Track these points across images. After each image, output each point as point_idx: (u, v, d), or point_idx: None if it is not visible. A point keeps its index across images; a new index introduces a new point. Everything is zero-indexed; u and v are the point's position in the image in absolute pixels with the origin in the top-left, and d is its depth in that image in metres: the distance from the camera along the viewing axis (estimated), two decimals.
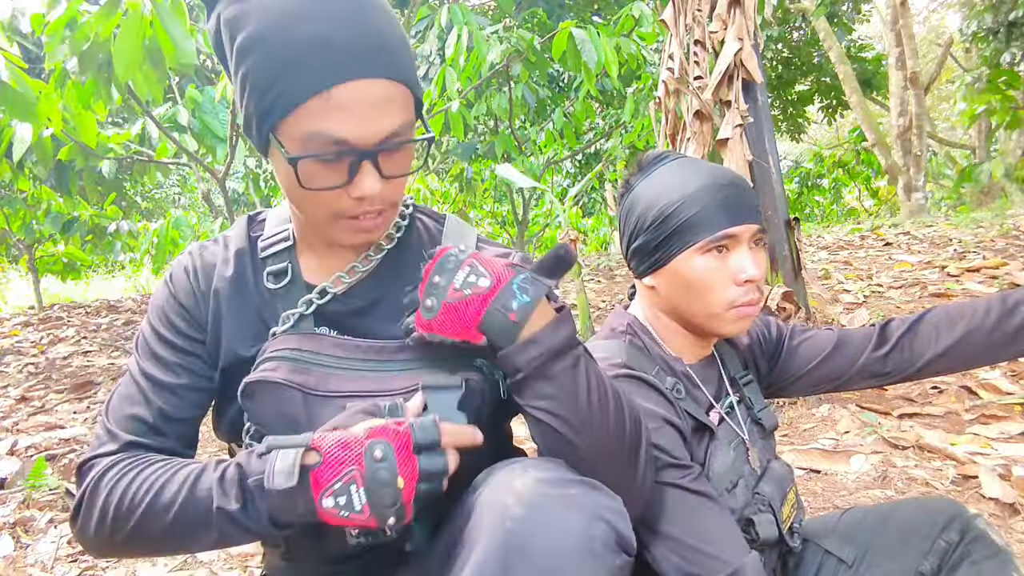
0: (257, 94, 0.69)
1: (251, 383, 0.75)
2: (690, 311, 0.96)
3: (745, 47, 2.46)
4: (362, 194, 0.71)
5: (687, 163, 0.98)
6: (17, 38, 3.13)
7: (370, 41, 0.68)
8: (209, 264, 0.84)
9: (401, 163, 0.74)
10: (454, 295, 0.70)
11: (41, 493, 2.01)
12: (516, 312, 0.69)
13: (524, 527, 0.60)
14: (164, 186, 13.04)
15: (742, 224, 0.92)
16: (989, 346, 0.98)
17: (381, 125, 0.69)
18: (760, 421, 1.03)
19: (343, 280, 0.82)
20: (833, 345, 1.06)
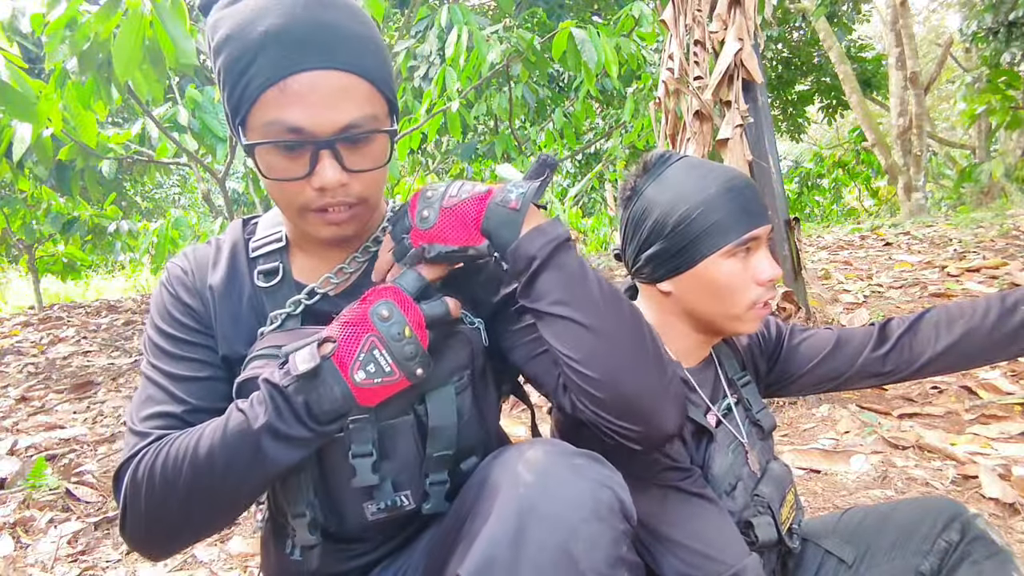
0: (227, 91, 0.73)
1: (243, 382, 0.76)
2: (711, 313, 0.96)
3: (745, 47, 2.46)
4: (322, 184, 0.73)
5: (696, 165, 0.97)
6: (17, 38, 3.13)
7: (326, 34, 0.71)
8: (203, 264, 0.86)
9: (367, 157, 0.75)
10: (450, 201, 0.75)
11: (41, 493, 2.01)
12: (516, 200, 0.73)
13: (537, 492, 0.64)
14: (164, 186, 13.05)
15: (763, 225, 0.93)
16: (989, 345, 0.98)
17: (337, 115, 0.71)
18: (758, 422, 1.03)
19: (331, 281, 0.84)
20: (833, 344, 1.06)
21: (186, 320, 0.83)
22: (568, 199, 3.92)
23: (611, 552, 0.62)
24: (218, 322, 0.83)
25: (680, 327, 1.00)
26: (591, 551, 0.61)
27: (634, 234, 0.99)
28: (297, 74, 0.70)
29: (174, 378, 0.79)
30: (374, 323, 0.70)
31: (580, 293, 0.72)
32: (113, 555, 1.72)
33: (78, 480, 2.11)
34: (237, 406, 0.71)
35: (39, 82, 2.58)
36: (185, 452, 0.71)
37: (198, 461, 0.70)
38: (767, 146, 2.56)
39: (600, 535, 0.62)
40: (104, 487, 2.08)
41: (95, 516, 1.88)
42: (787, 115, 11.38)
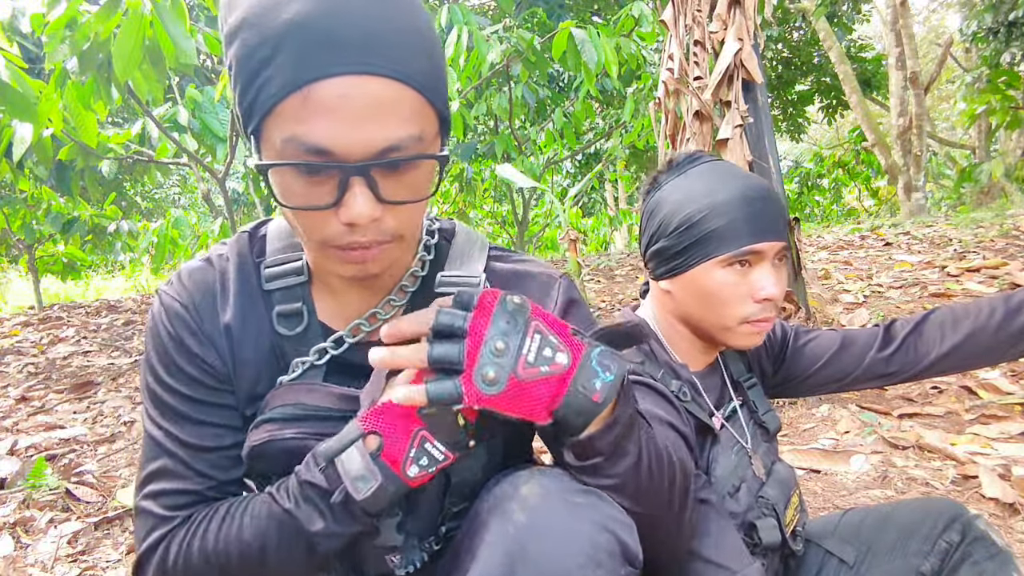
0: (239, 89, 0.59)
1: (258, 446, 0.68)
2: (703, 321, 0.95)
3: (745, 47, 2.46)
4: (351, 219, 0.59)
5: (719, 168, 0.95)
6: (17, 38, 3.13)
7: (365, 28, 0.55)
8: (208, 298, 0.72)
9: (409, 186, 0.61)
10: (527, 371, 0.57)
11: (41, 493, 2.01)
12: (600, 392, 0.60)
13: (528, 534, 0.58)
14: (164, 186, 13.05)
15: (768, 241, 0.89)
16: (994, 346, 0.98)
17: (373, 134, 0.56)
18: (764, 424, 1.03)
19: (362, 328, 0.72)
20: (838, 346, 1.06)
21: (199, 376, 0.70)
22: (568, 199, 3.92)
23: None
24: (237, 376, 0.72)
25: (680, 329, 1.00)
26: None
27: (646, 227, 0.99)
28: (325, 79, 0.54)
29: (191, 448, 0.69)
30: (421, 417, 0.61)
31: (632, 476, 0.65)
32: (113, 555, 1.72)
33: (78, 480, 2.11)
34: (280, 503, 0.64)
35: (39, 82, 2.58)
36: (227, 546, 0.65)
37: (248, 557, 0.65)
38: (767, 146, 2.56)
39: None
40: (104, 487, 2.08)
41: (95, 516, 1.88)
42: (787, 115, 11.38)
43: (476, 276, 0.75)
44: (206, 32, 3.00)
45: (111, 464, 2.33)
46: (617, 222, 8.73)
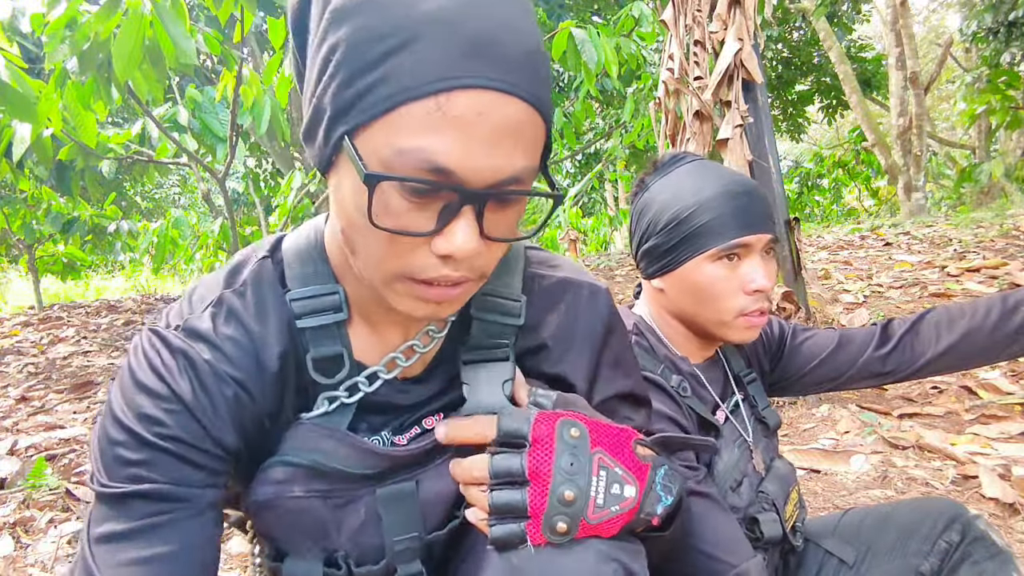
0: (341, 78, 0.48)
1: (263, 502, 0.61)
2: (699, 317, 0.96)
3: (745, 47, 2.46)
4: (451, 251, 0.50)
5: (704, 167, 0.97)
6: (17, 38, 3.13)
7: (522, 46, 0.48)
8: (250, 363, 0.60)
9: (509, 223, 0.54)
10: (597, 515, 0.55)
11: (41, 493, 2.01)
12: (660, 516, 0.59)
13: (532, 565, 0.55)
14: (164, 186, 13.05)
15: (755, 233, 0.91)
16: (990, 345, 0.98)
17: (503, 161, 0.48)
18: (764, 419, 1.03)
19: (398, 363, 0.64)
20: (835, 344, 1.07)
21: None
22: (568, 199, 3.92)
23: None
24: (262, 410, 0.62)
25: (676, 325, 1.01)
26: None
27: (635, 228, 1.01)
28: (467, 90, 0.46)
29: None
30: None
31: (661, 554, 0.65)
32: None
33: (78, 480, 2.11)
34: None
35: (39, 82, 2.58)
36: None
37: None
38: (767, 146, 2.56)
39: None
40: None
41: None
42: (787, 115, 11.38)
43: (516, 298, 0.66)
44: (206, 32, 3.00)
45: None
46: (617, 222, 8.73)
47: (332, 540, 0.62)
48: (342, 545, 0.62)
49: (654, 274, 0.98)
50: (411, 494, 0.64)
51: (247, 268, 0.63)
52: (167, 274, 10.57)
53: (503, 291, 0.66)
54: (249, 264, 0.63)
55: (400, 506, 0.63)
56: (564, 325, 0.67)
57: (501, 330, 0.65)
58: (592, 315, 0.68)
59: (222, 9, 2.51)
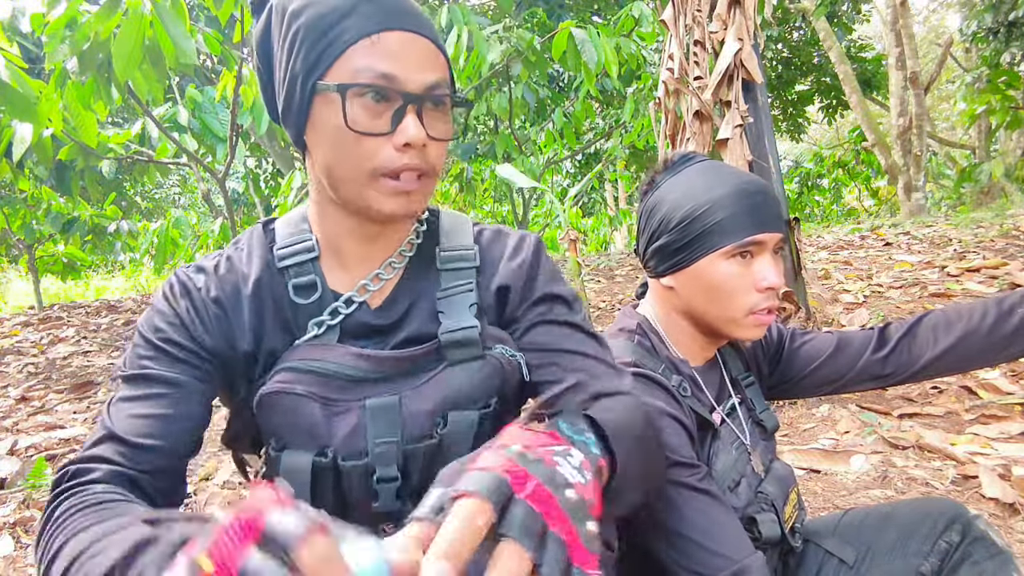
0: (307, 45, 0.71)
1: (267, 395, 0.73)
2: (709, 314, 0.96)
3: (745, 47, 2.46)
4: (406, 139, 0.70)
5: (715, 167, 0.98)
6: (17, 38, 3.13)
7: (411, 7, 0.74)
8: (224, 276, 0.79)
9: (442, 125, 0.74)
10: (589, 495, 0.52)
11: (41, 493, 2.01)
12: (601, 455, 0.58)
13: None
14: (164, 186, 13.05)
15: (768, 232, 0.93)
16: (986, 348, 0.99)
17: (426, 73, 0.72)
18: (761, 422, 1.04)
19: (368, 288, 0.80)
20: (833, 347, 1.07)
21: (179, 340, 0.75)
22: (568, 199, 3.91)
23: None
24: (257, 343, 0.77)
25: (682, 324, 1.01)
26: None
27: (645, 226, 1.01)
28: (392, 31, 0.71)
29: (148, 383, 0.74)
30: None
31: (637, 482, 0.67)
32: None
33: None
34: None
35: (39, 82, 2.58)
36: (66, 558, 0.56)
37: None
38: (767, 146, 2.56)
39: None
40: None
41: None
42: (787, 115, 11.38)
43: (470, 247, 0.85)
44: (206, 32, 3.00)
45: None
46: (617, 222, 8.73)
47: (324, 439, 0.73)
48: (333, 444, 0.73)
49: (664, 272, 0.99)
50: (394, 406, 0.75)
51: (246, 234, 0.85)
52: (167, 274, 10.56)
53: (460, 246, 0.85)
54: (248, 233, 0.85)
55: (384, 415, 0.74)
56: (505, 254, 0.85)
57: (464, 274, 0.83)
58: (523, 244, 0.87)
59: (222, 9, 2.51)
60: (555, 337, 0.81)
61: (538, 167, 6.12)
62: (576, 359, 0.80)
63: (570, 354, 0.80)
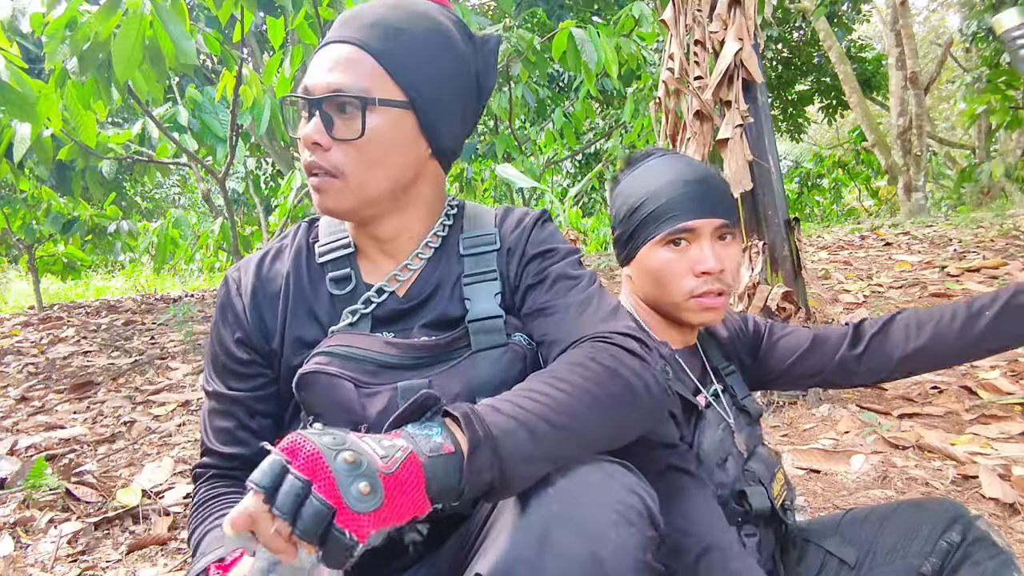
0: None
1: (305, 375, 0.78)
2: (659, 300, 1.02)
3: (745, 47, 2.46)
4: (300, 135, 0.79)
5: (668, 160, 1.03)
6: (17, 38, 3.12)
7: (363, 18, 0.80)
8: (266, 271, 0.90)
9: (349, 127, 0.78)
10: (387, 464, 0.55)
11: (41, 493, 2.00)
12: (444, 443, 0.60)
13: (562, 495, 0.62)
14: (164, 186, 13.05)
15: (702, 218, 0.97)
16: (957, 349, 1.02)
17: (330, 77, 0.77)
18: (745, 408, 1.06)
19: (397, 279, 0.87)
20: (808, 344, 1.10)
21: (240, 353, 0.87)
22: (568, 199, 3.92)
23: (639, 557, 0.60)
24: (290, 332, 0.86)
25: (647, 310, 1.06)
26: (619, 555, 0.59)
27: (614, 215, 1.08)
28: (326, 45, 0.80)
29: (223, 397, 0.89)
30: None
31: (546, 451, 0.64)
32: (113, 555, 1.72)
33: (78, 480, 2.11)
34: None
35: (39, 82, 2.58)
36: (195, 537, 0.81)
37: None
38: (767, 146, 2.56)
39: (628, 540, 0.60)
40: (104, 487, 2.08)
41: (95, 516, 1.88)
42: (787, 115, 11.38)
43: (491, 232, 0.90)
44: (206, 32, 3.00)
45: (111, 464, 2.33)
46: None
47: (359, 416, 0.77)
48: (367, 420, 0.77)
49: (624, 262, 1.06)
50: (423, 388, 0.78)
51: (293, 230, 0.94)
52: (167, 274, 10.56)
53: (481, 232, 0.90)
54: (295, 229, 0.95)
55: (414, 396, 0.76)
56: (511, 225, 0.92)
57: (486, 259, 0.88)
58: (526, 216, 0.93)
59: (222, 9, 2.51)
60: (543, 295, 0.85)
61: (538, 167, 6.12)
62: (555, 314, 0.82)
63: (552, 309, 0.83)
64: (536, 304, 0.84)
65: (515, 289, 0.88)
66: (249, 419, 0.87)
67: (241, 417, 0.87)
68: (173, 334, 4.63)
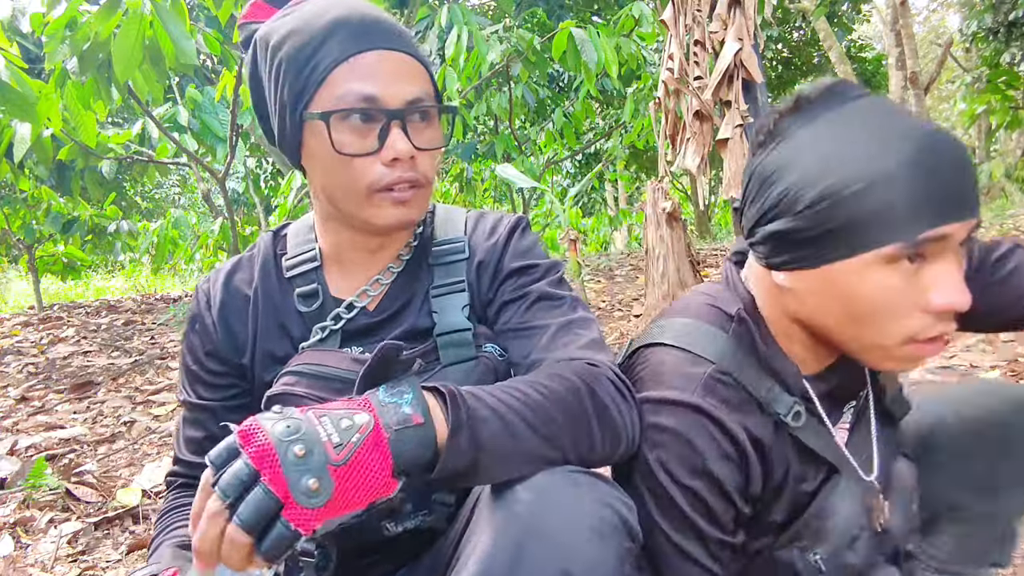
0: (291, 77, 0.75)
1: (273, 396, 0.77)
2: (844, 335, 0.68)
3: (745, 47, 2.46)
4: (395, 154, 0.73)
5: (878, 112, 0.64)
6: (17, 38, 3.13)
7: (387, 24, 0.77)
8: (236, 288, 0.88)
9: (430, 135, 0.77)
10: (342, 454, 0.53)
11: (41, 493, 2.00)
12: (414, 413, 0.58)
13: (535, 509, 0.61)
14: (164, 186, 13.06)
15: (956, 221, 0.60)
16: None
17: (405, 88, 0.74)
18: (889, 411, 0.82)
19: (368, 293, 0.84)
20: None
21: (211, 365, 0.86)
22: (568, 199, 3.92)
23: (613, 572, 0.59)
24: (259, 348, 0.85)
25: (795, 333, 0.74)
26: (592, 571, 0.58)
27: (757, 194, 0.70)
28: (366, 52, 0.74)
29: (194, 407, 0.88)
30: None
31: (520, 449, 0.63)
32: (113, 555, 1.72)
33: (78, 480, 2.11)
34: None
35: (39, 82, 2.58)
36: None
37: None
38: None
39: (601, 555, 0.59)
40: (104, 487, 2.08)
41: (95, 516, 1.88)
42: None
43: (460, 239, 0.87)
44: (206, 32, 3.00)
45: (111, 464, 2.33)
46: (617, 222, 8.73)
47: None
48: None
49: (779, 266, 0.69)
50: None
51: (259, 242, 0.91)
52: (167, 274, 10.57)
53: (451, 239, 0.87)
54: (260, 241, 0.91)
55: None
56: (484, 234, 0.88)
57: (455, 268, 0.85)
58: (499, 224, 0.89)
59: (222, 9, 2.51)
60: (521, 314, 0.82)
61: (538, 167, 6.12)
62: (535, 335, 0.79)
63: (532, 330, 0.80)
64: (514, 323, 0.81)
65: (488, 302, 0.85)
66: (215, 428, 0.85)
67: (210, 427, 0.85)
68: (173, 334, 4.63)
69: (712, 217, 11.75)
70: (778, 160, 0.67)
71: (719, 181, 10.14)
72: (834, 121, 0.65)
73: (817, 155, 0.64)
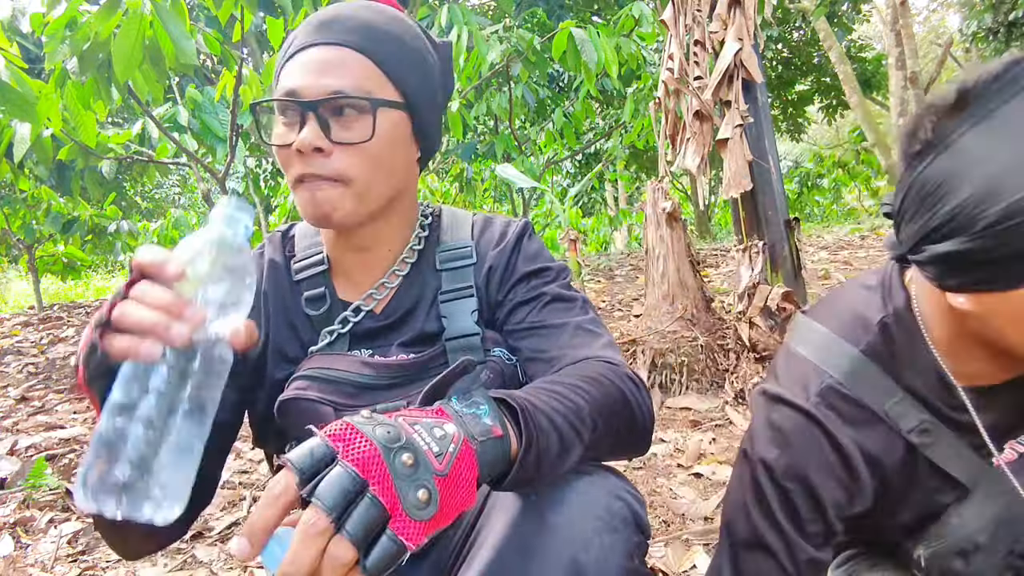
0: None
1: (285, 401, 0.77)
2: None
3: (745, 47, 2.46)
4: (299, 146, 0.72)
5: None
6: (17, 38, 3.13)
7: (347, 21, 0.76)
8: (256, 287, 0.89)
9: (354, 130, 0.74)
10: (442, 463, 0.51)
11: (41, 493, 2.01)
12: (493, 425, 0.56)
13: (547, 502, 0.62)
14: (164, 186, 13.05)
15: None
16: None
17: (327, 80, 0.73)
18: None
19: (374, 297, 0.85)
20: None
21: None
22: (568, 199, 3.92)
23: (623, 563, 0.60)
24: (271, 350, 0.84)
25: (974, 351, 0.67)
26: (602, 563, 0.59)
27: (919, 209, 0.62)
28: (309, 47, 0.75)
29: None
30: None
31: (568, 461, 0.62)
32: (113, 555, 1.72)
33: None
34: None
35: (39, 82, 2.58)
36: None
37: None
38: (767, 146, 2.56)
39: (612, 547, 0.60)
40: None
41: None
42: (787, 115, 11.39)
43: (467, 244, 0.87)
44: (206, 32, 3.00)
45: None
46: (617, 222, 8.74)
47: None
48: None
49: (954, 288, 0.62)
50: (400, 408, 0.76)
51: (266, 241, 0.91)
52: None
53: (458, 244, 0.87)
54: (268, 240, 0.91)
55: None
56: (493, 241, 0.88)
57: (463, 273, 0.85)
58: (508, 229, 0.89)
59: (222, 9, 2.51)
60: (536, 313, 0.82)
61: (538, 167, 6.12)
62: (553, 333, 0.80)
63: (549, 328, 0.81)
64: (529, 321, 0.82)
65: (497, 304, 0.85)
66: None
67: None
68: None
69: (712, 217, 11.76)
70: (944, 171, 0.58)
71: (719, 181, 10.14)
72: (1013, 118, 0.55)
73: (998, 164, 0.55)
